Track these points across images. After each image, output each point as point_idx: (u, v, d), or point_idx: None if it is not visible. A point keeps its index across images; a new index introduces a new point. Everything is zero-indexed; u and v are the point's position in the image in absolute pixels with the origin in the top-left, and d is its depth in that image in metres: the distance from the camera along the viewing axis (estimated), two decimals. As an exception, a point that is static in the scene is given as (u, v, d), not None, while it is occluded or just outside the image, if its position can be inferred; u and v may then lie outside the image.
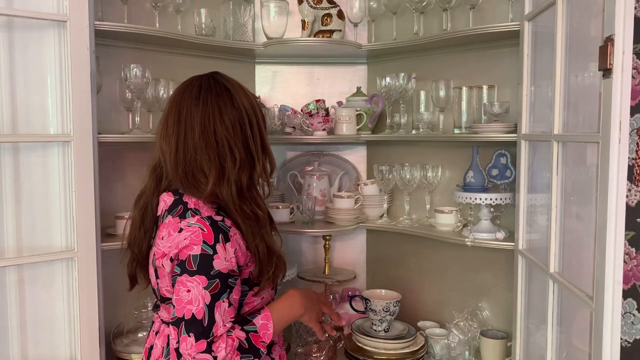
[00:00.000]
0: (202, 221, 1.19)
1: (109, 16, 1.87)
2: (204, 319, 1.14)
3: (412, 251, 2.30)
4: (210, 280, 1.15)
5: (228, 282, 1.18)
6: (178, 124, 1.24)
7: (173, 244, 1.20)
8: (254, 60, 2.41)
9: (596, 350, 1.18)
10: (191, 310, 1.14)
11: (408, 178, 2.12)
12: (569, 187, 1.41)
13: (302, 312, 1.35)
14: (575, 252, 1.42)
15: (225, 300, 1.17)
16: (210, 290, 1.15)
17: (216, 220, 1.20)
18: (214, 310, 1.15)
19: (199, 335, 1.14)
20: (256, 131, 1.28)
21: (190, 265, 1.16)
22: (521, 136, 1.70)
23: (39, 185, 1.61)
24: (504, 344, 1.89)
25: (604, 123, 1.14)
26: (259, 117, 1.30)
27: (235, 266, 1.19)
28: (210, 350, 1.14)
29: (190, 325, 1.15)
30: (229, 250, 1.18)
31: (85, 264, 1.62)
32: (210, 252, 1.16)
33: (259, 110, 1.31)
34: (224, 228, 1.19)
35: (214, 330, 1.15)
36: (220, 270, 1.16)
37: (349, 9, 2.21)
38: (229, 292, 1.18)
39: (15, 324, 1.61)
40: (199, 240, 1.16)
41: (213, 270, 1.16)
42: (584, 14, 1.36)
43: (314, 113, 2.14)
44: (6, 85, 1.55)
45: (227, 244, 1.18)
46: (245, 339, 1.20)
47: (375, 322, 1.99)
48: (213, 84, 1.27)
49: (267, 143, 1.32)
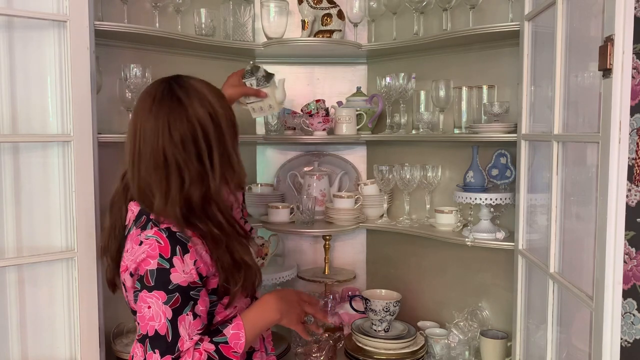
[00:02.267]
0: (159, 233, 1.15)
1: (109, 16, 1.87)
2: (167, 334, 1.12)
3: (412, 251, 2.30)
4: (170, 295, 1.12)
5: (190, 294, 1.15)
6: (133, 139, 1.20)
7: (133, 257, 1.17)
8: (254, 61, 2.41)
9: (596, 350, 1.18)
10: (154, 327, 1.13)
11: (408, 178, 2.12)
12: (569, 187, 1.41)
13: (278, 316, 1.30)
14: (575, 252, 1.42)
15: (189, 314, 1.14)
16: (171, 305, 1.13)
17: (174, 231, 1.15)
18: (177, 324, 1.13)
19: (163, 351, 1.12)
20: (213, 143, 1.19)
21: (148, 281, 1.13)
22: (521, 136, 1.70)
23: (39, 185, 1.61)
24: (504, 344, 1.89)
25: (604, 123, 1.14)
26: (218, 126, 1.20)
27: (196, 277, 1.15)
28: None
29: (154, 342, 1.13)
30: (187, 262, 1.14)
31: (85, 264, 1.62)
32: (167, 266, 1.13)
33: (221, 118, 1.21)
34: (182, 239, 1.15)
35: (179, 345, 1.13)
36: (179, 283, 1.13)
37: (349, 9, 2.21)
38: (193, 304, 1.15)
39: (15, 324, 1.61)
40: (156, 254, 1.13)
41: (171, 285, 1.12)
42: (584, 14, 1.36)
43: (314, 113, 2.14)
44: (6, 85, 1.55)
45: (185, 256, 1.14)
46: (214, 351, 1.17)
47: (375, 322, 1.99)
48: (167, 94, 1.19)
49: (230, 152, 1.23)
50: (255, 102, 1.79)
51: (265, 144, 2.45)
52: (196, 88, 1.22)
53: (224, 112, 1.23)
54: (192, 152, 1.17)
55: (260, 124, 2.39)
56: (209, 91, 1.23)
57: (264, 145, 2.46)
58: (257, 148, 2.48)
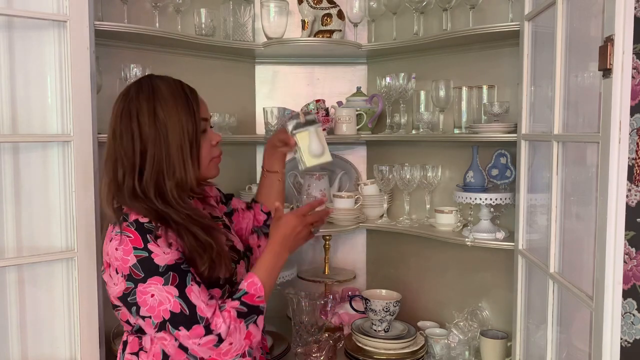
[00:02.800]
0: (127, 228, 1.18)
1: (109, 16, 1.87)
2: (183, 309, 1.15)
3: (412, 251, 2.30)
4: (165, 276, 1.16)
5: (182, 268, 1.18)
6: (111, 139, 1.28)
7: (105, 252, 1.22)
8: (254, 60, 2.41)
9: (596, 350, 1.18)
10: (167, 309, 1.15)
11: (408, 178, 2.12)
12: (569, 187, 1.41)
13: (286, 254, 1.34)
14: (575, 252, 1.42)
15: (192, 284, 1.18)
16: (172, 283, 1.16)
17: (142, 222, 1.19)
18: (187, 297, 1.16)
19: (189, 324, 1.15)
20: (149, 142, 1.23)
21: (137, 275, 1.16)
22: (521, 136, 1.70)
23: (39, 185, 1.61)
24: (504, 344, 1.89)
25: (604, 123, 1.14)
26: (162, 127, 1.23)
27: (179, 254, 1.19)
28: (210, 331, 1.16)
29: (174, 322, 1.16)
30: (162, 245, 1.17)
31: (85, 264, 1.62)
32: (145, 255, 1.16)
33: (167, 120, 1.23)
34: (150, 228, 1.18)
35: (199, 314, 1.16)
36: (167, 263, 1.16)
37: (349, 9, 2.21)
38: (191, 275, 1.19)
39: (15, 324, 1.61)
40: (130, 249, 1.16)
41: (161, 267, 1.16)
42: (584, 14, 1.36)
43: (314, 113, 2.14)
44: (6, 85, 1.55)
45: (158, 240, 1.17)
46: (240, 305, 1.21)
47: (375, 322, 1.99)
48: (129, 91, 1.27)
49: (172, 153, 1.24)
50: (297, 151, 1.52)
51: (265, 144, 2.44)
52: (155, 89, 1.26)
53: (174, 117, 1.24)
54: (129, 147, 1.23)
55: (260, 124, 2.39)
56: (169, 93, 1.26)
57: (264, 145, 2.45)
58: (257, 148, 2.48)
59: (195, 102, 1.28)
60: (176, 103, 1.25)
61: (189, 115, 1.26)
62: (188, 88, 1.30)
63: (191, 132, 1.26)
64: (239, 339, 1.19)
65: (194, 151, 1.27)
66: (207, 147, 1.33)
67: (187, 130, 1.25)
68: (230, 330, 1.17)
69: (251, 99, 2.43)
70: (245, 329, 1.20)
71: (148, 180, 1.23)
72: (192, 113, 1.26)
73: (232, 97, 2.31)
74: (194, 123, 1.26)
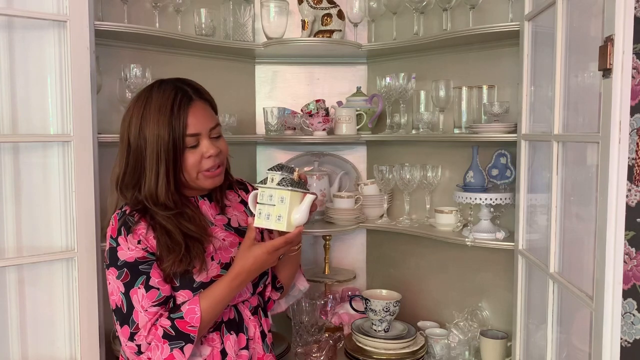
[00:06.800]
0: (115, 216, 1.32)
1: (109, 16, 1.87)
2: (123, 306, 1.25)
3: (412, 251, 2.30)
4: (120, 271, 1.26)
5: (139, 269, 1.25)
6: None
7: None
8: (254, 60, 2.41)
9: (596, 350, 1.18)
10: (114, 300, 1.26)
11: (408, 178, 2.12)
12: (569, 187, 1.41)
13: (243, 286, 1.31)
14: (575, 252, 1.42)
15: (140, 287, 1.24)
16: (122, 280, 1.25)
17: (127, 213, 1.30)
18: (129, 297, 1.24)
19: (122, 321, 1.25)
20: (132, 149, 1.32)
21: (105, 260, 1.30)
22: (521, 136, 1.70)
23: (39, 185, 1.61)
24: (504, 344, 1.89)
25: (604, 123, 1.14)
26: (142, 139, 1.29)
27: (144, 254, 1.26)
28: (133, 338, 1.23)
29: (116, 314, 1.26)
30: (130, 241, 1.26)
31: (85, 264, 1.62)
32: (114, 245, 1.28)
33: (148, 134, 1.28)
34: (128, 221, 1.29)
35: (133, 317, 1.23)
36: (126, 260, 1.25)
37: (349, 9, 2.21)
38: (145, 278, 1.25)
39: (15, 324, 1.61)
40: (108, 236, 1.30)
41: (119, 261, 1.26)
42: (584, 14, 1.36)
43: (314, 113, 2.14)
44: (6, 85, 1.55)
45: (128, 236, 1.27)
46: (170, 327, 1.23)
47: (375, 322, 1.99)
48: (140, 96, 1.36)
49: (147, 167, 1.29)
50: (266, 204, 1.28)
51: (265, 144, 2.45)
52: (147, 101, 1.31)
53: (154, 132, 1.28)
54: (122, 150, 1.34)
55: (260, 124, 2.39)
56: (156, 107, 1.29)
57: (264, 145, 2.46)
58: (257, 148, 2.48)
59: (182, 118, 1.29)
60: (158, 118, 1.28)
61: (169, 131, 1.28)
62: (183, 101, 1.30)
63: (168, 147, 1.28)
64: (158, 357, 1.21)
65: (170, 165, 1.29)
66: (194, 160, 1.32)
67: (163, 146, 1.28)
68: (151, 347, 1.22)
69: (251, 99, 2.43)
70: (168, 351, 1.22)
71: (128, 185, 1.33)
72: (172, 129, 1.28)
73: (232, 97, 2.31)
74: (174, 139, 1.28)
